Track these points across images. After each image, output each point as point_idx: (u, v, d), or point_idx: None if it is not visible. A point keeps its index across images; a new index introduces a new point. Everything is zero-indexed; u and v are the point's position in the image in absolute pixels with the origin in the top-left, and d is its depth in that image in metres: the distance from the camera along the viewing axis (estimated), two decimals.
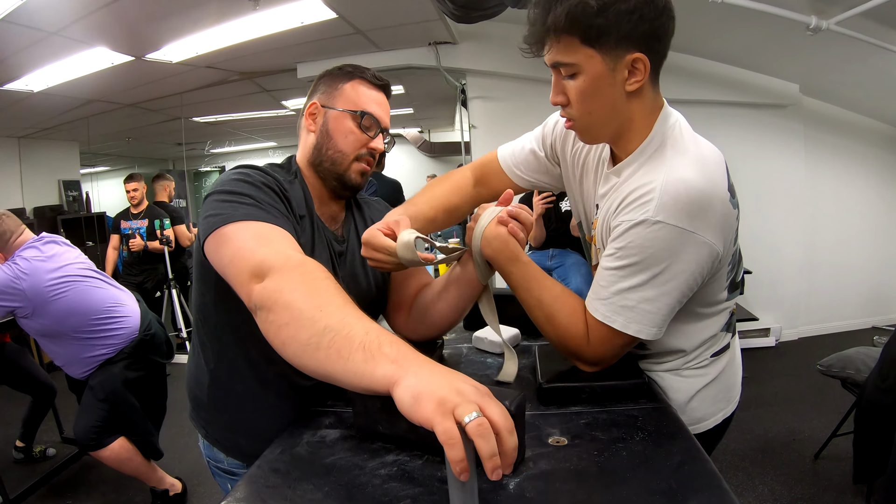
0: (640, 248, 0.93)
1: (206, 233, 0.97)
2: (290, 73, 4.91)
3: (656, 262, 0.93)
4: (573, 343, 1.05)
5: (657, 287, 0.94)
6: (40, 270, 2.37)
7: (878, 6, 2.80)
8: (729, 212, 0.95)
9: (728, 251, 1.00)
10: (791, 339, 4.93)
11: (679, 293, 0.96)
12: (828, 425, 2.91)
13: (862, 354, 2.66)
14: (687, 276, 0.94)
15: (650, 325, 0.97)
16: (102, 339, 2.47)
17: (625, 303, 0.97)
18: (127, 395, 2.52)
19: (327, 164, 1.18)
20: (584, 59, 0.93)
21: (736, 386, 1.22)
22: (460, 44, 4.45)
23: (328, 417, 1.02)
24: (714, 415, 1.18)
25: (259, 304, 0.83)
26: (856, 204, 5.07)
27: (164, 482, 2.74)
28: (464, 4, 3.00)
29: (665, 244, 0.91)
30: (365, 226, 1.29)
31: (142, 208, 4.89)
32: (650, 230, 0.91)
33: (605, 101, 0.96)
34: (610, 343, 1.01)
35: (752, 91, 4.56)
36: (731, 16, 3.28)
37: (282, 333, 0.79)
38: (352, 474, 0.81)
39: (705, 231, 0.91)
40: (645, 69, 0.93)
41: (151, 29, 3.68)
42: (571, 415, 0.97)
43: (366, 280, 1.26)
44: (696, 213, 0.90)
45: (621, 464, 0.80)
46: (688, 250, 0.92)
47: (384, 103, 1.23)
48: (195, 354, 1.22)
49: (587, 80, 0.94)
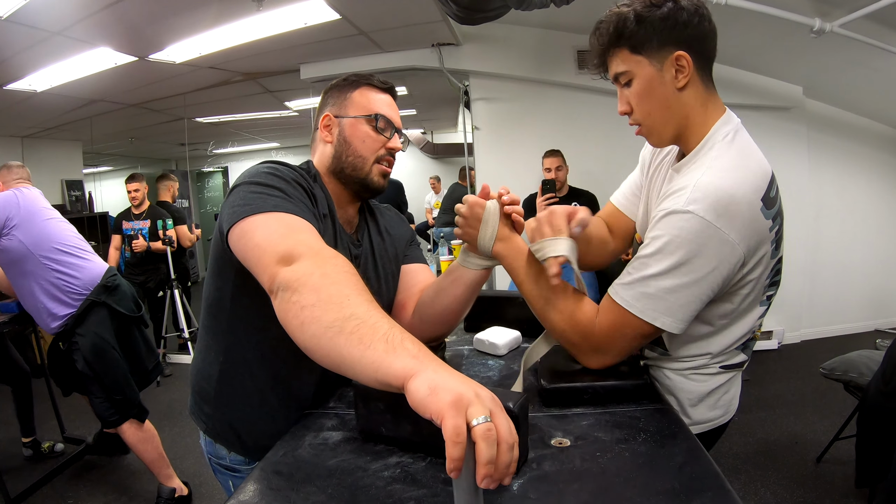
0: (668, 235, 0.97)
1: (233, 221, 0.97)
2: (294, 74, 4.91)
3: (680, 250, 0.96)
4: (579, 327, 1.07)
5: (678, 278, 0.97)
6: (37, 196, 2.71)
7: (882, 9, 2.80)
8: (758, 219, 0.98)
9: (755, 258, 1.01)
10: (794, 341, 4.92)
11: (699, 290, 0.98)
12: (830, 429, 2.91)
13: (865, 358, 2.66)
14: (707, 273, 0.97)
15: (666, 313, 0.99)
16: (67, 274, 2.59)
17: (645, 290, 1.00)
18: (105, 354, 2.60)
19: (349, 171, 1.20)
20: (635, 66, 1.06)
21: (734, 401, 1.23)
22: (463, 45, 4.46)
23: (331, 420, 1.02)
24: (711, 420, 1.19)
25: (284, 284, 0.82)
26: (859, 206, 5.05)
27: (173, 481, 2.74)
28: (467, 6, 3.00)
29: (691, 235, 0.95)
30: (378, 232, 1.32)
31: (143, 208, 4.89)
32: (679, 219, 0.96)
33: (660, 100, 1.07)
34: (621, 331, 1.03)
35: (755, 93, 4.55)
36: (735, 18, 3.27)
37: (303, 314, 0.78)
38: (355, 476, 0.81)
39: (730, 230, 0.95)
40: (689, 65, 1.04)
41: (154, 29, 3.68)
42: (574, 416, 0.97)
43: (377, 285, 1.27)
44: (722, 211, 0.94)
45: (624, 465, 0.80)
46: (711, 245, 0.95)
47: (393, 105, 1.27)
48: (203, 349, 1.22)
49: (641, 83, 1.07)
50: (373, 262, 1.26)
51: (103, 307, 2.64)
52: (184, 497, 2.76)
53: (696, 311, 1.01)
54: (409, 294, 1.32)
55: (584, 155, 4.29)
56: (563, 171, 3.90)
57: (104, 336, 2.61)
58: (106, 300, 2.64)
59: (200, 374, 1.22)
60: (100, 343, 2.59)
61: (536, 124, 4.52)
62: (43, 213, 2.65)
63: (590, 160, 4.36)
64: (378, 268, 1.27)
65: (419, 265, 1.39)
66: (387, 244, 1.32)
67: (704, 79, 1.07)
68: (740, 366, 1.17)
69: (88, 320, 2.60)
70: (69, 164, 7.20)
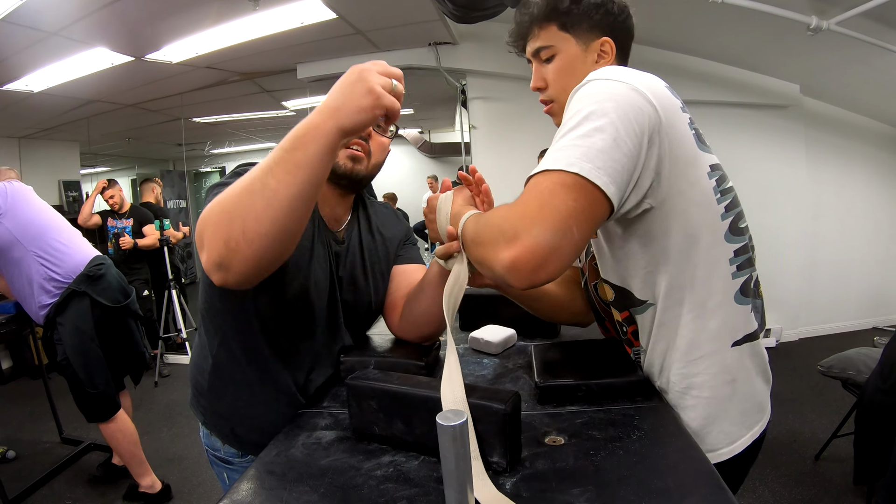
0: (574, 109, 0.88)
1: None
2: (291, 74, 4.92)
3: (585, 105, 0.87)
4: (489, 221, 0.90)
5: (590, 122, 0.84)
6: (25, 189, 2.71)
7: (879, 6, 2.80)
8: (664, 90, 0.93)
9: (673, 128, 0.90)
10: (792, 339, 4.93)
11: (616, 132, 0.84)
12: (828, 426, 2.91)
13: (862, 355, 2.66)
14: (622, 116, 0.85)
15: (583, 158, 0.81)
16: (51, 262, 2.58)
17: (557, 147, 0.85)
18: (82, 346, 2.60)
19: None
20: (561, 42, 1.10)
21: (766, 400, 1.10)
22: (460, 44, 4.46)
23: (324, 419, 1.02)
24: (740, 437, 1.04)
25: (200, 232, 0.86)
26: (857, 204, 5.07)
27: (146, 478, 2.76)
28: (464, 5, 3.00)
29: (591, 90, 0.89)
30: (370, 230, 1.31)
31: (125, 209, 4.96)
32: (581, 91, 0.91)
33: (579, 78, 0.96)
34: (535, 196, 0.82)
35: (752, 92, 4.56)
36: (732, 16, 3.28)
37: (248, 222, 0.80)
38: (348, 475, 0.81)
39: (633, 82, 0.88)
40: (612, 52, 1.10)
41: (151, 29, 3.68)
42: (568, 414, 0.97)
43: (365, 283, 1.26)
44: (620, 73, 0.91)
45: (618, 463, 0.79)
46: (617, 92, 0.87)
47: None
48: (200, 342, 1.24)
49: (564, 60, 1.11)
50: (361, 261, 1.25)
51: (85, 297, 2.62)
52: (155, 495, 2.77)
53: (623, 166, 0.84)
54: (400, 295, 1.30)
55: None
56: None
57: (83, 328, 2.60)
58: (87, 290, 2.62)
59: (197, 367, 1.25)
60: (78, 335, 2.59)
61: (534, 123, 4.47)
62: (31, 203, 2.66)
63: None
64: (367, 266, 1.27)
65: (413, 266, 1.36)
66: (377, 243, 1.31)
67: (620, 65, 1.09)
68: (754, 336, 1.03)
69: (69, 310, 2.60)
70: (66, 164, 7.20)
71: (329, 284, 1.18)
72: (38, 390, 3.38)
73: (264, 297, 1.09)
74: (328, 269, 1.18)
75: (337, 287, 1.20)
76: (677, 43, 4.20)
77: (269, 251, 0.83)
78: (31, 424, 3.78)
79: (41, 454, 3.29)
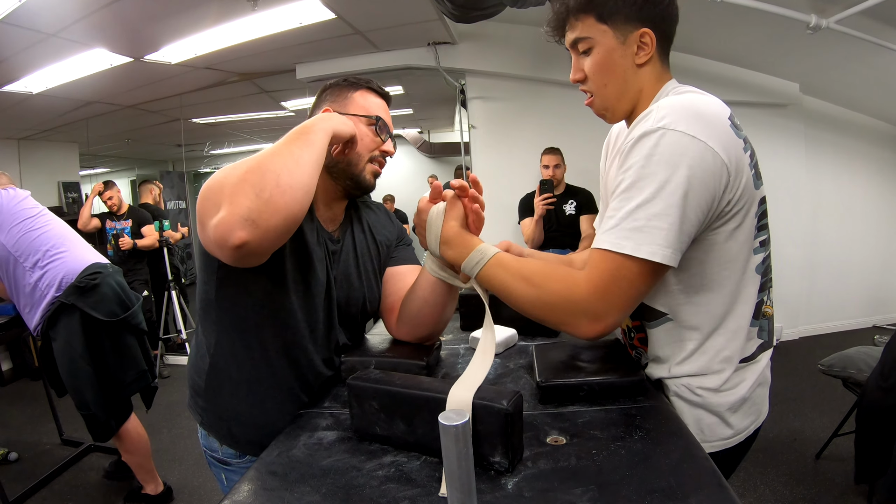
0: (643, 160, 0.90)
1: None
2: (290, 74, 4.90)
3: (659, 168, 0.88)
4: (570, 296, 0.93)
5: (665, 199, 0.87)
6: (20, 197, 2.61)
7: (878, 5, 2.80)
8: (731, 132, 0.93)
9: (738, 176, 0.93)
10: (792, 338, 4.93)
11: (689, 204, 0.88)
12: (829, 425, 2.91)
13: (863, 354, 2.66)
14: (696, 184, 0.88)
15: (664, 244, 0.88)
16: (45, 273, 2.46)
17: (634, 224, 0.89)
18: (71, 365, 2.44)
19: (343, 166, 1.21)
20: (598, 35, 1.04)
21: (765, 402, 1.15)
22: (459, 44, 4.45)
23: (325, 419, 1.02)
24: (734, 434, 1.10)
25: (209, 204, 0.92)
26: (857, 203, 5.06)
27: (151, 485, 2.74)
28: (463, 4, 2.99)
29: (667, 149, 0.88)
30: (362, 230, 1.33)
31: (123, 210, 4.97)
32: (651, 140, 0.90)
33: (618, 73, 1.05)
34: (616, 281, 0.90)
35: (752, 90, 4.55)
36: (731, 15, 3.28)
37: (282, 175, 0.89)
38: (349, 476, 0.81)
39: (707, 137, 0.89)
40: (652, 43, 1.03)
41: (150, 30, 3.67)
42: (569, 413, 0.97)
43: (359, 281, 1.28)
44: (693, 119, 0.89)
45: (620, 462, 0.79)
46: (691, 154, 0.88)
47: (388, 111, 1.30)
48: (197, 342, 1.25)
49: (602, 53, 1.04)
50: (354, 260, 1.28)
51: (75, 311, 2.43)
52: (156, 496, 2.75)
53: (690, 234, 0.91)
54: (397, 298, 1.31)
55: (581, 153, 4.26)
56: (561, 169, 3.89)
57: (73, 345, 2.42)
58: (76, 302, 2.42)
59: (194, 367, 1.25)
60: (69, 352, 2.43)
61: (533, 123, 4.51)
62: (25, 212, 2.56)
63: (586, 158, 4.33)
64: (360, 265, 1.28)
65: (407, 267, 1.38)
66: (369, 243, 1.33)
67: (662, 59, 1.07)
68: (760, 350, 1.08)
69: (59, 324, 2.45)
70: (65, 165, 7.19)
71: (325, 283, 1.19)
72: (39, 392, 3.38)
73: (260, 294, 1.10)
74: (325, 268, 1.19)
75: (332, 285, 1.21)
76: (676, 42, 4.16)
77: (298, 206, 0.90)
78: (31, 426, 3.77)
79: (41, 456, 3.29)
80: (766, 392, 1.15)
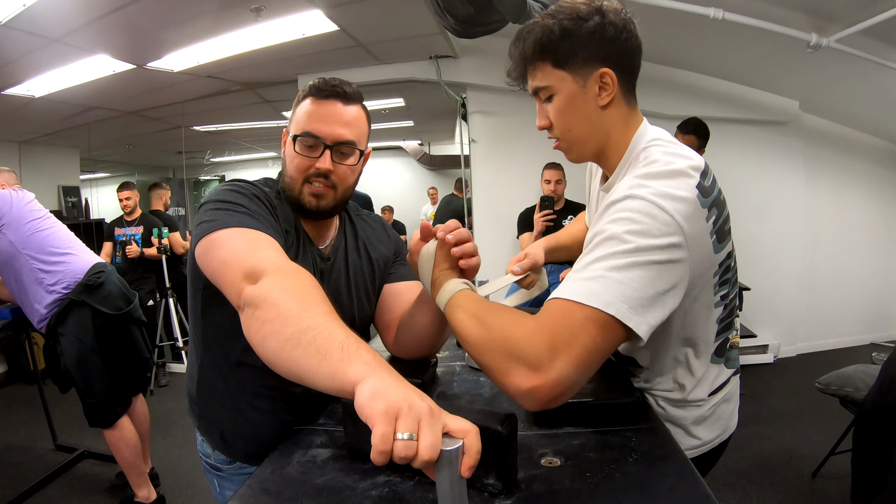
0: (613, 223, 0.88)
1: (199, 237, 1.01)
2: (291, 85, 4.92)
3: (627, 228, 0.85)
4: (511, 335, 0.84)
5: (628, 256, 0.83)
6: (27, 198, 2.70)
7: (879, 24, 2.82)
8: (699, 211, 0.90)
9: (698, 252, 0.90)
10: (789, 355, 4.92)
11: (651, 272, 0.84)
12: (826, 443, 2.90)
13: (861, 372, 2.65)
14: (663, 260, 0.85)
15: (620, 298, 0.81)
16: (50, 272, 2.57)
17: (592, 274, 0.84)
18: (82, 357, 2.58)
19: (286, 190, 1.18)
20: (557, 81, 1.01)
21: (733, 416, 1.20)
22: (461, 58, 4.47)
23: (319, 437, 1.01)
24: (711, 440, 1.16)
25: (248, 301, 0.85)
26: (855, 221, 5.08)
27: (142, 489, 2.74)
28: (465, 20, 3.00)
29: (638, 215, 0.86)
30: (356, 248, 1.30)
31: (135, 216, 4.85)
32: (620, 205, 0.89)
33: (581, 117, 1.03)
34: (568, 331, 0.80)
35: (752, 108, 4.57)
36: (732, 33, 3.30)
37: (264, 328, 0.81)
38: (343, 495, 0.80)
39: (674, 212, 0.86)
40: (613, 83, 1.00)
41: (153, 38, 3.69)
42: (564, 435, 0.96)
43: (349, 300, 1.26)
44: (665, 196, 0.87)
45: (615, 485, 0.79)
46: (659, 225, 0.85)
47: (335, 113, 1.18)
48: (191, 350, 1.28)
49: (563, 100, 1.02)
50: (345, 278, 1.25)
51: (85, 307, 2.59)
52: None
53: (651, 300, 0.84)
54: (394, 315, 1.28)
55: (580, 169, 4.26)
56: (562, 184, 3.90)
57: (83, 338, 2.58)
58: (86, 299, 2.59)
59: (188, 375, 1.30)
60: (78, 346, 2.57)
61: (533, 137, 4.45)
62: (33, 213, 2.65)
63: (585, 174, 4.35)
64: (351, 284, 1.26)
65: (406, 283, 1.33)
66: (363, 261, 1.30)
67: (627, 95, 1.04)
68: (729, 384, 1.15)
69: (69, 320, 2.58)
70: (66, 170, 7.20)
71: None
72: (33, 396, 3.36)
73: None
74: None
75: None
76: (677, 59, 4.22)
77: None
78: (25, 430, 3.75)
79: (34, 461, 3.27)
80: (732, 407, 1.19)
